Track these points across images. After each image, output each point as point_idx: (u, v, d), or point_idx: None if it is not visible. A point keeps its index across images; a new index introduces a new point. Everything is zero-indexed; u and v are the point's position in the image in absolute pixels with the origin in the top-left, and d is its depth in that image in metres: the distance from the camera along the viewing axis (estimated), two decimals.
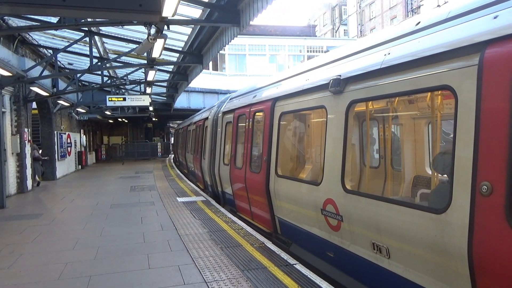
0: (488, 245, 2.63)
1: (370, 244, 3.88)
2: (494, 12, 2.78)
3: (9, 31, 10.86)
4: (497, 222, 2.55)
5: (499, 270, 2.56)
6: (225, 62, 32.12)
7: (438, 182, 3.94)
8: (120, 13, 3.94)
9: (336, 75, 4.48)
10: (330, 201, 4.54)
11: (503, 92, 2.56)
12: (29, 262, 5.39)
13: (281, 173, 6.10)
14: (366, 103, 4.53)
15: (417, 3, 36.80)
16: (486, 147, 2.66)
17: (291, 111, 5.93)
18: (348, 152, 4.37)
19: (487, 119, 2.67)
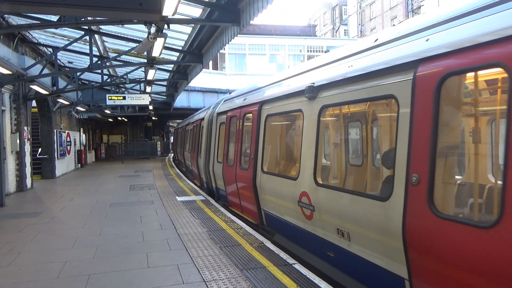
0: (415, 225, 3.20)
1: (335, 230, 4.49)
2: (427, 35, 3.34)
3: (9, 29, 10.86)
4: (421, 206, 3.13)
5: (423, 245, 3.12)
6: (225, 62, 32.12)
7: (385, 175, 4.48)
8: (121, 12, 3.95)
9: (310, 82, 5.10)
10: (305, 194, 5.14)
11: (427, 101, 3.15)
12: (28, 260, 5.40)
13: (266, 169, 6.73)
14: (334, 107, 5.07)
15: (418, 3, 36.80)
16: (416, 145, 3.24)
17: (275, 113, 6.59)
18: (319, 151, 5.03)
19: (416, 123, 3.26)
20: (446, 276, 2.98)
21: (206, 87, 27.76)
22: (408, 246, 3.29)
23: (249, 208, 7.62)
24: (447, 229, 2.92)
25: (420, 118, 3.22)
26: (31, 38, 12.98)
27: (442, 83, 3.09)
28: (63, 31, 11.97)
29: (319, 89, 4.97)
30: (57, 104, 16.50)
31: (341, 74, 4.45)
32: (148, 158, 31.21)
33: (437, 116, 3.10)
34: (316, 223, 4.95)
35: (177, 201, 9.88)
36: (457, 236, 2.84)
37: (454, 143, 3.32)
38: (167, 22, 7.80)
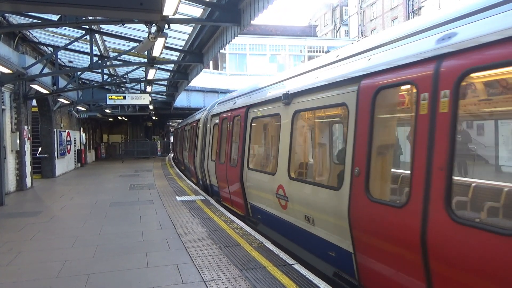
0: (356, 208, 4.01)
1: (304, 217, 5.32)
2: (370, 55, 4.16)
3: (10, 28, 10.87)
4: (360, 193, 3.94)
5: (362, 224, 3.95)
6: (225, 62, 32.11)
7: (339, 169, 5.05)
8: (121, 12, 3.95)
9: (286, 90, 5.94)
10: (281, 187, 5.96)
11: (366, 109, 3.93)
12: (27, 259, 5.40)
13: (251, 166, 7.60)
14: (304, 112, 5.84)
15: (418, 4, 36.80)
16: (358, 144, 4.07)
17: (258, 116, 7.49)
18: (293, 149, 5.84)
19: (358, 126, 4.11)
20: (377, 248, 3.77)
21: (207, 87, 27.75)
22: (352, 225, 4.11)
23: (237, 202, 8.45)
24: (376, 209, 3.72)
25: (361, 122, 4.07)
26: (32, 37, 12.99)
27: (376, 95, 3.89)
28: (64, 30, 11.97)
29: (293, 96, 5.80)
30: (57, 103, 16.50)
31: (309, 84, 5.31)
32: (148, 157, 31.20)
33: (373, 121, 3.91)
34: (290, 212, 5.77)
35: (177, 201, 9.88)
36: (382, 214, 3.63)
37: (385, 143, 4.14)
38: (168, 21, 7.80)
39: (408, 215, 3.31)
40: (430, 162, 3.15)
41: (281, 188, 5.92)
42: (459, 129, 3.16)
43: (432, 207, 3.08)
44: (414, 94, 3.45)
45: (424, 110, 3.29)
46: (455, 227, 2.86)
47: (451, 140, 2.99)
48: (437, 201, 3.02)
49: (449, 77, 3.11)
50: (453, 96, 3.05)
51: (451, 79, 3.08)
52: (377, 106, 3.91)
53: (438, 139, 3.10)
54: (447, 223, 2.92)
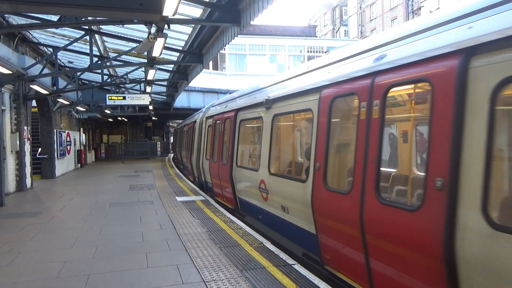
0: (317, 196, 4.84)
1: (280, 207, 6.06)
2: (330, 69, 4.96)
3: (9, 29, 10.86)
4: (320, 184, 4.75)
5: (320, 210, 4.75)
6: (225, 62, 32.11)
7: (306, 164, 5.65)
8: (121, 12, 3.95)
9: (267, 96, 6.77)
10: (263, 181, 6.76)
11: (324, 114, 4.82)
12: (27, 260, 5.40)
13: (239, 164, 8.34)
14: (281, 115, 6.58)
15: (418, 5, 36.82)
16: (318, 143, 4.91)
17: (245, 119, 8.26)
18: (272, 148, 6.68)
19: (319, 128, 4.93)
20: (332, 228, 4.60)
21: (206, 87, 27.74)
22: (314, 211, 4.90)
23: (228, 196, 9.26)
24: (331, 197, 4.57)
25: (321, 124, 4.90)
26: (31, 38, 12.98)
27: (332, 102, 4.72)
28: (63, 31, 11.97)
29: (273, 102, 6.63)
30: (57, 104, 16.50)
31: (285, 92, 6.16)
32: (148, 158, 31.20)
33: (329, 124, 4.72)
34: (270, 203, 6.54)
35: (177, 201, 9.88)
36: (335, 201, 4.47)
37: (339, 142, 5.05)
38: (168, 22, 7.80)
39: (351, 200, 4.12)
40: (366, 158, 3.94)
41: (263, 183, 6.77)
42: (386, 131, 3.96)
43: (366, 192, 3.90)
44: (357, 102, 4.20)
45: (363, 115, 4.06)
46: (381, 207, 3.69)
47: (380, 140, 3.79)
48: (370, 187, 3.84)
49: (379, 89, 3.81)
50: (381, 105, 3.78)
51: (380, 91, 3.78)
52: (333, 111, 4.78)
53: (372, 139, 3.88)
54: (376, 204, 3.75)
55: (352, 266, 4.27)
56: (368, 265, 3.96)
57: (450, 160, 2.99)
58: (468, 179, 2.86)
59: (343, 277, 4.49)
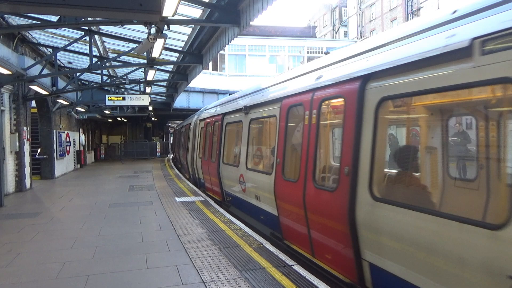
0: (277, 185, 6.05)
1: (255, 197, 7.25)
2: (287, 84, 6.30)
3: (9, 29, 10.85)
4: (279, 175, 5.99)
5: (279, 195, 5.98)
6: (225, 62, 32.10)
7: (272, 160, 6.62)
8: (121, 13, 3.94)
9: (245, 103, 8.05)
10: (242, 175, 7.97)
11: (283, 120, 6.09)
12: (26, 261, 5.39)
13: (225, 161, 9.52)
14: (256, 120, 7.76)
15: (417, 5, 36.85)
16: (279, 142, 6.18)
17: (230, 122, 9.51)
18: (249, 147, 7.92)
19: (279, 131, 6.22)
20: (287, 209, 5.87)
21: (206, 88, 27.71)
22: (276, 197, 6.12)
23: (216, 190, 10.52)
24: (286, 185, 5.81)
25: (281, 128, 6.21)
26: (31, 38, 12.97)
27: (288, 110, 6.01)
28: (63, 31, 11.96)
29: (250, 108, 7.86)
30: (57, 104, 16.49)
31: (260, 99, 7.39)
32: (148, 158, 31.19)
33: (286, 127, 6.05)
34: (247, 194, 7.75)
35: (177, 202, 9.88)
36: (288, 188, 5.72)
37: (292, 142, 6.11)
38: (167, 22, 7.82)
39: (298, 186, 5.36)
40: (308, 153, 5.22)
41: (242, 177, 7.98)
42: (321, 132, 5.22)
43: (307, 180, 5.16)
44: (303, 111, 5.49)
45: (306, 121, 5.33)
46: (316, 190, 4.94)
47: (317, 140, 5.12)
48: (309, 176, 5.11)
49: (316, 102, 5.11)
50: (317, 113, 5.08)
51: (317, 103, 5.09)
52: (289, 118, 6.04)
53: (311, 140, 5.18)
54: (312, 188, 5.02)
55: (300, 238, 5.52)
56: (309, 235, 5.20)
57: (353, 153, 4.15)
58: (362, 167, 4.02)
59: (295, 247, 5.73)
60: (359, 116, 4.10)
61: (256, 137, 8.32)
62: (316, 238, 5.02)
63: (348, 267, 4.38)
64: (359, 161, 4.05)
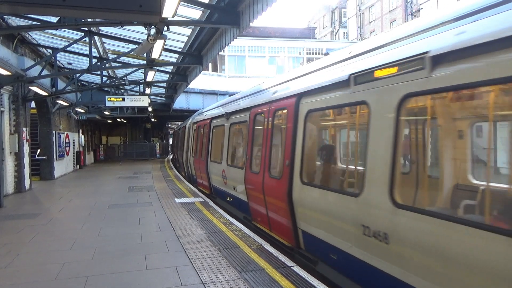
0: (247, 177, 7.57)
1: (233, 187, 8.72)
2: (256, 95, 7.89)
3: (9, 30, 10.85)
4: (248, 170, 7.55)
5: (248, 185, 7.51)
6: (224, 63, 32.12)
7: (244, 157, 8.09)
8: (120, 14, 3.95)
9: (226, 110, 9.75)
10: (223, 170, 9.52)
11: (251, 125, 7.72)
12: (26, 262, 5.39)
13: (212, 159, 11.03)
14: (235, 124, 9.28)
15: (417, 6, 36.90)
16: (249, 143, 7.66)
17: (216, 125, 10.97)
18: (229, 147, 9.40)
19: (249, 134, 7.73)
20: (252, 195, 7.31)
21: (206, 89, 27.69)
22: (245, 186, 7.65)
23: (205, 184, 12.23)
24: (252, 176, 7.30)
25: (250, 131, 7.74)
26: (31, 39, 12.97)
27: (255, 117, 7.60)
28: (63, 32, 11.97)
29: (230, 114, 9.47)
30: (56, 105, 16.49)
31: (236, 107, 9.02)
32: (147, 159, 31.18)
33: (253, 130, 7.63)
34: (227, 186, 9.28)
35: (176, 203, 9.87)
36: (254, 178, 7.19)
37: (256, 143, 7.54)
38: (167, 24, 7.81)
39: (260, 176, 6.90)
40: (266, 151, 6.81)
41: (224, 172, 9.51)
42: (274, 134, 6.73)
43: (265, 171, 6.70)
44: (264, 118, 7.10)
45: (265, 126, 6.95)
46: (270, 178, 6.46)
47: (271, 140, 6.68)
48: (266, 169, 6.66)
49: (271, 111, 6.75)
50: (272, 121, 6.73)
51: (272, 112, 6.73)
52: (255, 123, 7.69)
53: (268, 140, 6.78)
54: (269, 177, 6.52)
55: (262, 218, 7.01)
56: (267, 214, 6.69)
57: (291, 149, 5.71)
58: (296, 160, 5.59)
59: (260, 226, 7.21)
60: (295, 123, 5.71)
61: (234, 138, 9.61)
62: (271, 216, 6.57)
63: (290, 235, 5.85)
64: (295, 155, 5.66)
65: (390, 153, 3.71)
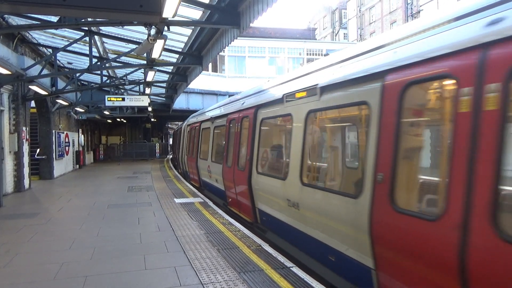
0: (224, 171, 9.43)
1: (215, 180, 10.32)
2: (232, 104, 9.91)
3: (9, 29, 10.85)
4: (225, 164, 9.38)
5: (225, 177, 9.36)
6: (224, 64, 32.11)
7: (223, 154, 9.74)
8: (121, 14, 3.94)
9: (212, 115, 11.66)
10: (209, 166, 11.23)
11: (228, 127, 9.60)
12: (25, 261, 5.38)
13: (201, 157, 12.85)
14: (218, 127, 10.93)
15: (417, 8, 36.93)
16: (228, 142, 9.43)
17: (204, 128, 12.91)
18: (213, 146, 11.26)
19: (226, 134, 9.68)
20: (227, 185, 9.11)
21: (205, 89, 27.69)
22: (223, 178, 9.40)
23: (196, 179, 14.16)
24: (228, 170, 9.04)
25: (226, 133, 9.58)
26: (31, 39, 12.97)
27: (230, 123, 9.42)
28: (63, 32, 11.96)
29: (214, 119, 11.38)
30: (56, 104, 16.48)
31: (219, 112, 10.83)
32: (147, 159, 31.17)
33: (229, 133, 9.35)
34: (212, 178, 10.96)
35: (175, 203, 9.87)
36: (228, 171, 9.00)
37: (231, 143, 8.96)
38: (167, 24, 7.81)
39: (231, 169, 8.68)
40: (236, 149, 8.50)
41: (209, 167, 11.23)
42: (242, 136, 8.31)
43: (235, 165, 8.48)
44: (235, 123, 8.84)
45: (237, 130, 8.59)
46: (238, 171, 8.22)
47: (240, 141, 8.38)
48: (236, 163, 8.43)
49: (240, 118, 8.56)
50: (240, 125, 8.47)
51: (240, 119, 8.55)
52: (231, 127, 9.32)
53: (238, 141, 8.48)
54: (237, 170, 8.27)
55: (234, 201, 8.87)
56: (237, 199, 8.50)
57: (250, 148, 7.47)
58: (254, 156, 7.39)
59: (233, 209, 9.00)
60: (254, 128, 7.57)
61: (218, 138, 11.28)
62: (239, 200, 8.33)
63: (251, 213, 7.64)
64: (253, 152, 7.46)
65: (301, 150, 5.50)
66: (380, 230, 3.63)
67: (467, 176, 2.78)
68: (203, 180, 12.74)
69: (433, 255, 2.99)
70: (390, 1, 42.53)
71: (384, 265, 3.65)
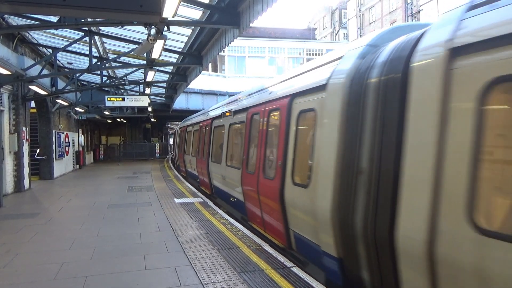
0: (197, 162, 13.64)
1: (195, 169, 14.13)
2: (207, 115, 13.27)
3: (9, 29, 10.84)
4: (201, 158, 12.76)
5: (198, 165, 13.52)
6: (224, 64, 32.10)
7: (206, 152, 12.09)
8: (121, 14, 3.94)
9: (199, 120, 14.51)
10: (190, 160, 15.37)
11: (199, 131, 14.08)
12: (25, 261, 5.38)
13: (187, 153, 15.56)
14: (195, 131, 14.44)
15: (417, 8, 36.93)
16: (208, 141, 12.00)
17: (190, 130, 15.80)
18: (193, 145, 14.90)
19: (201, 137, 13.50)
20: (200, 172, 13.02)
21: (205, 89, 27.69)
22: (196, 166, 13.91)
23: (183, 170, 17.91)
24: (200, 161, 12.91)
25: (197, 136, 14.29)
26: (31, 39, 12.97)
27: (200, 128, 13.70)
28: (63, 32, 11.96)
29: (194, 125, 15.20)
30: (56, 104, 16.48)
31: (202, 118, 13.74)
32: (147, 159, 31.16)
33: (200, 135, 13.50)
34: (197, 171, 13.33)
35: (175, 203, 9.87)
36: (200, 161, 12.87)
37: (205, 142, 12.16)
38: (167, 24, 7.80)
39: (205, 161, 11.88)
40: (205, 148, 12.30)
41: (190, 160, 14.60)
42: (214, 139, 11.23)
43: (209, 158, 11.52)
44: (205, 129, 12.60)
45: (207, 134, 12.22)
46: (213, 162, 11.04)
47: (211, 143, 11.57)
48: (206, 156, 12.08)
49: (207, 125, 12.39)
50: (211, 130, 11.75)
51: (208, 125, 12.27)
52: (200, 131, 13.33)
53: (196, 141, 14.18)
54: (211, 161, 11.30)
55: (205, 186, 11.80)
56: (211, 183, 11.10)
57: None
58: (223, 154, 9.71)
59: (203, 188, 12.29)
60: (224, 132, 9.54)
61: (198, 139, 13.51)
62: (214, 183, 10.59)
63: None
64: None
65: (241, 147, 8.05)
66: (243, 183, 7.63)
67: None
68: (188, 171, 15.60)
69: (273, 193, 5.98)
70: (390, 1, 42.54)
71: (247, 199, 7.48)
